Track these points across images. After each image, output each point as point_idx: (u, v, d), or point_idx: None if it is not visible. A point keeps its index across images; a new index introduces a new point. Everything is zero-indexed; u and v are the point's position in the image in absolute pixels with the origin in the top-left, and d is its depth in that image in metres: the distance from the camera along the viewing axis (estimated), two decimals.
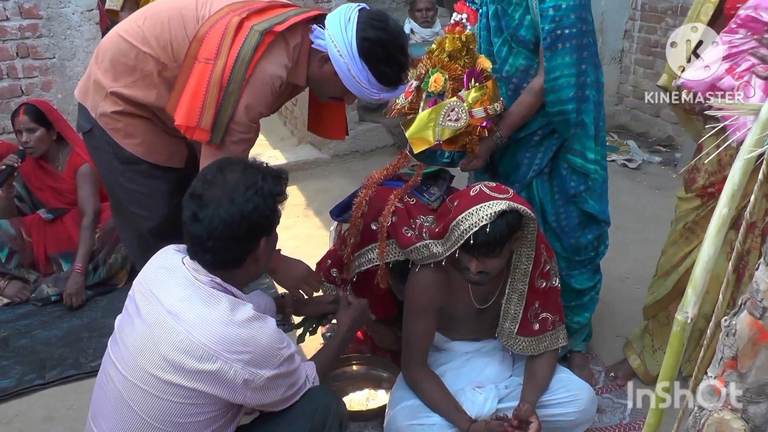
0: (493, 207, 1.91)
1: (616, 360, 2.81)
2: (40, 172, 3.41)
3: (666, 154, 5.28)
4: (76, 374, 2.79)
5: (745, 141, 0.85)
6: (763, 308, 0.94)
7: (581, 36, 2.22)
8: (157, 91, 2.03)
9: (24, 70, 4.08)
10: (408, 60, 2.05)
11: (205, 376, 1.54)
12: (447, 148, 2.24)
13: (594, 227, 2.52)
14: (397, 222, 2.23)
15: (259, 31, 1.89)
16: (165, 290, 1.62)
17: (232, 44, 1.88)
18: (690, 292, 0.92)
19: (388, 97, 2.10)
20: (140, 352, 1.57)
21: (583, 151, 2.38)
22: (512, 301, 2.19)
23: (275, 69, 1.94)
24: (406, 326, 2.22)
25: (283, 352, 1.64)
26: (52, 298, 3.30)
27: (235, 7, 1.97)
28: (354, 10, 1.99)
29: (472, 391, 2.20)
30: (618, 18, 5.84)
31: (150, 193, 2.19)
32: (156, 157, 2.15)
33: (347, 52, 1.93)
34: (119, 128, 2.09)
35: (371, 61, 1.95)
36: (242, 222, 1.59)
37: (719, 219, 0.87)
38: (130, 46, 2.01)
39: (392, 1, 6.56)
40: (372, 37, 1.94)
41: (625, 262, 3.60)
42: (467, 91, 2.13)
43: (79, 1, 4.10)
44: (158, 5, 2.10)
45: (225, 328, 1.55)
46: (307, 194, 4.48)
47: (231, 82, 1.88)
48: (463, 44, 2.18)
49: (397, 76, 2.03)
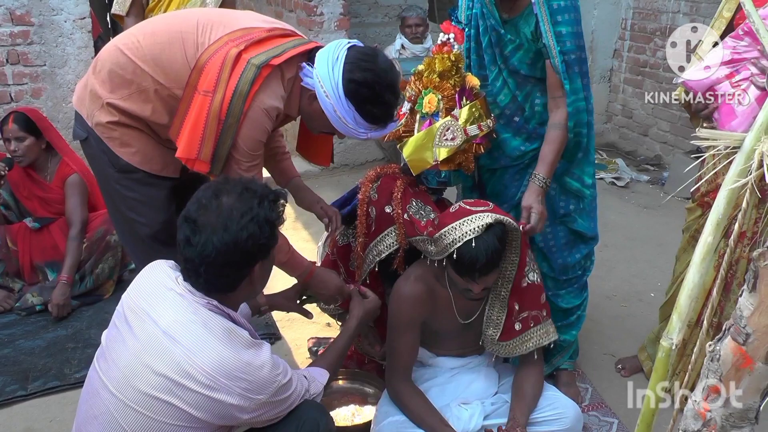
0: (477, 221, 1.93)
1: (602, 378, 2.82)
2: (28, 181, 3.38)
3: (654, 173, 5.33)
4: (60, 385, 2.76)
5: (730, 171, 0.87)
6: (747, 334, 0.95)
7: (585, 63, 2.26)
8: (153, 106, 2.03)
9: (14, 77, 4.06)
10: (398, 98, 2.03)
11: (200, 399, 1.52)
12: (444, 167, 2.24)
13: (582, 246, 2.54)
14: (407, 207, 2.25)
15: (256, 65, 1.89)
16: (160, 310, 1.59)
17: (230, 77, 1.89)
18: (675, 318, 0.93)
19: (377, 136, 2.07)
20: (134, 373, 1.55)
21: (582, 176, 2.41)
22: (495, 307, 2.20)
23: (272, 101, 1.95)
24: (390, 341, 2.22)
25: (279, 380, 1.63)
26: (36, 307, 3.27)
27: (235, 36, 1.97)
28: (343, 49, 1.95)
29: (458, 407, 2.20)
30: (608, 37, 5.91)
31: (146, 200, 2.19)
32: (151, 166, 2.15)
33: (333, 93, 1.91)
34: (115, 137, 2.09)
35: (358, 102, 1.93)
36: (236, 250, 1.56)
37: (704, 247, 0.88)
38: (128, 60, 2.01)
39: (384, 16, 6.60)
40: (358, 79, 1.90)
41: (611, 279, 3.62)
42: (460, 109, 2.14)
43: (72, 9, 4.10)
44: (160, 23, 2.10)
45: (224, 355, 1.53)
46: (296, 207, 4.45)
47: (229, 116, 1.89)
48: (452, 63, 2.19)
49: (385, 116, 2.00)
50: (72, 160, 3.40)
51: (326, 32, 5.03)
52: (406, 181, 2.32)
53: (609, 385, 2.78)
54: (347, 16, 5.13)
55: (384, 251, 2.34)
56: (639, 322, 3.20)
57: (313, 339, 2.99)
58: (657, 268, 3.71)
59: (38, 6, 4.01)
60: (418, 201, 2.28)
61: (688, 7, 5.11)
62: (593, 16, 5.80)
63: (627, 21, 5.77)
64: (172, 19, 2.13)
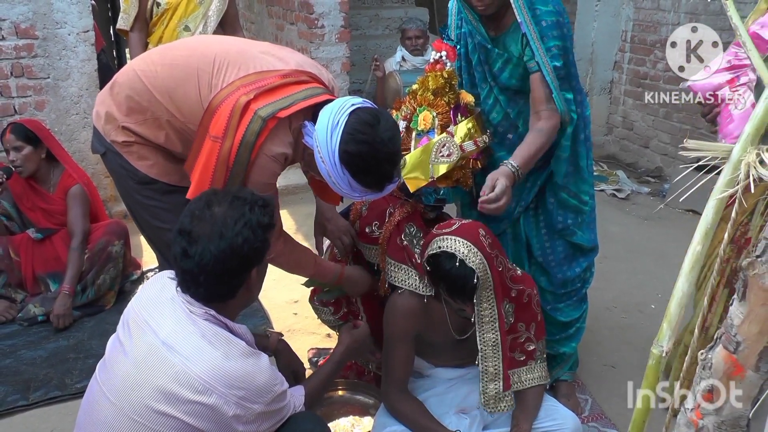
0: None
1: (602, 389, 2.82)
2: (31, 192, 3.41)
3: (655, 185, 5.34)
4: (61, 395, 2.76)
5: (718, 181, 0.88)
6: (737, 342, 0.97)
7: (573, 78, 2.28)
8: (166, 134, 2.06)
9: (18, 89, 4.09)
10: (398, 164, 1.96)
11: (198, 409, 1.53)
12: (441, 184, 2.25)
13: (582, 259, 2.55)
14: (393, 231, 2.24)
15: (263, 117, 1.88)
16: (160, 320, 1.61)
17: (238, 127, 1.89)
18: (665, 326, 0.94)
19: (374, 198, 2.05)
20: (134, 383, 1.56)
21: (578, 193, 2.43)
22: (488, 357, 2.12)
23: (280, 148, 1.94)
24: (386, 353, 2.22)
25: (276, 389, 1.64)
26: (38, 318, 3.28)
27: (248, 81, 1.95)
28: (344, 114, 1.86)
29: (457, 416, 2.20)
30: (608, 49, 5.94)
31: (170, 207, 2.19)
32: (170, 178, 2.17)
33: (329, 159, 1.86)
34: (133, 151, 2.12)
35: (352, 171, 1.87)
36: (233, 256, 1.59)
37: (693, 256, 0.90)
38: (144, 88, 2.03)
39: (385, 29, 6.64)
40: (353, 151, 1.83)
41: (611, 291, 3.63)
42: (456, 126, 2.15)
43: (75, 23, 4.14)
44: (180, 53, 2.10)
45: (222, 363, 1.55)
46: (296, 218, 4.49)
47: (236, 164, 1.90)
48: (445, 81, 2.21)
49: (381, 183, 1.94)
50: (74, 171, 3.43)
51: (327, 45, 5.06)
52: (400, 203, 2.30)
53: (609, 396, 2.78)
54: (348, 29, 5.16)
55: (365, 255, 2.36)
56: (639, 334, 3.20)
57: (313, 350, 3.00)
58: (657, 280, 3.71)
59: (42, 20, 4.04)
60: (412, 226, 2.27)
61: (687, 19, 5.13)
62: (593, 28, 5.84)
63: (627, 33, 5.80)
64: (192, 51, 2.10)
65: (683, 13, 5.16)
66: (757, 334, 0.94)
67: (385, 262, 2.26)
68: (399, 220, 2.25)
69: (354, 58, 5.75)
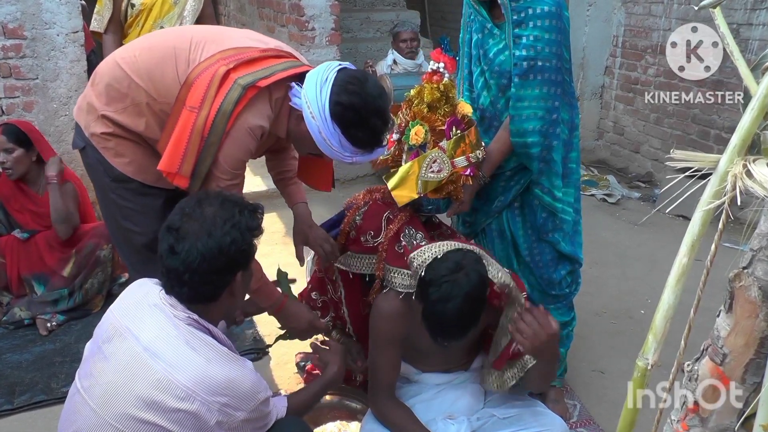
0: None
1: (591, 395, 2.82)
2: (20, 194, 3.38)
3: (645, 190, 5.35)
4: (47, 400, 2.74)
5: (704, 193, 0.87)
6: (723, 354, 0.96)
7: (556, 72, 2.26)
8: (146, 120, 2.06)
9: (6, 90, 4.06)
10: (388, 123, 2.01)
11: (181, 416, 1.51)
12: (432, 196, 2.24)
13: (567, 263, 2.55)
14: (391, 237, 2.21)
15: (242, 85, 1.90)
16: (142, 326, 1.60)
17: (216, 95, 1.90)
18: (651, 339, 0.93)
19: (363, 160, 2.05)
20: (115, 390, 1.55)
21: (551, 189, 2.42)
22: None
23: (257, 120, 1.95)
24: (372, 358, 2.21)
25: (259, 396, 1.63)
26: (24, 321, 3.26)
27: (227, 54, 1.98)
28: (332, 71, 1.93)
29: (444, 422, 2.19)
30: (599, 54, 5.96)
31: (141, 210, 2.20)
32: (145, 177, 2.16)
33: (319, 114, 1.90)
34: (110, 147, 2.12)
35: (343, 125, 1.91)
36: (220, 255, 1.58)
37: (679, 269, 0.89)
38: (124, 74, 2.04)
39: (376, 32, 6.63)
40: (345, 102, 1.89)
41: (601, 296, 3.63)
42: (449, 141, 2.14)
43: (64, 23, 4.10)
44: (158, 38, 2.13)
45: (205, 369, 1.54)
46: (286, 221, 4.48)
47: (211, 134, 1.90)
48: (441, 94, 2.19)
49: (371, 140, 1.98)
50: (64, 172, 3.40)
51: (318, 47, 5.05)
52: (398, 209, 2.26)
53: (597, 401, 2.78)
54: (339, 32, 5.16)
55: (354, 266, 2.32)
56: (628, 339, 3.21)
57: (300, 354, 2.99)
58: (647, 285, 3.72)
59: (31, 20, 4.01)
60: (410, 228, 2.25)
61: (678, 25, 5.15)
62: (584, 33, 5.85)
63: (618, 38, 5.82)
64: (169, 34, 2.15)
65: (674, 18, 5.18)
66: (743, 346, 0.94)
67: (383, 270, 2.24)
68: (398, 227, 2.23)
69: (345, 61, 5.74)
